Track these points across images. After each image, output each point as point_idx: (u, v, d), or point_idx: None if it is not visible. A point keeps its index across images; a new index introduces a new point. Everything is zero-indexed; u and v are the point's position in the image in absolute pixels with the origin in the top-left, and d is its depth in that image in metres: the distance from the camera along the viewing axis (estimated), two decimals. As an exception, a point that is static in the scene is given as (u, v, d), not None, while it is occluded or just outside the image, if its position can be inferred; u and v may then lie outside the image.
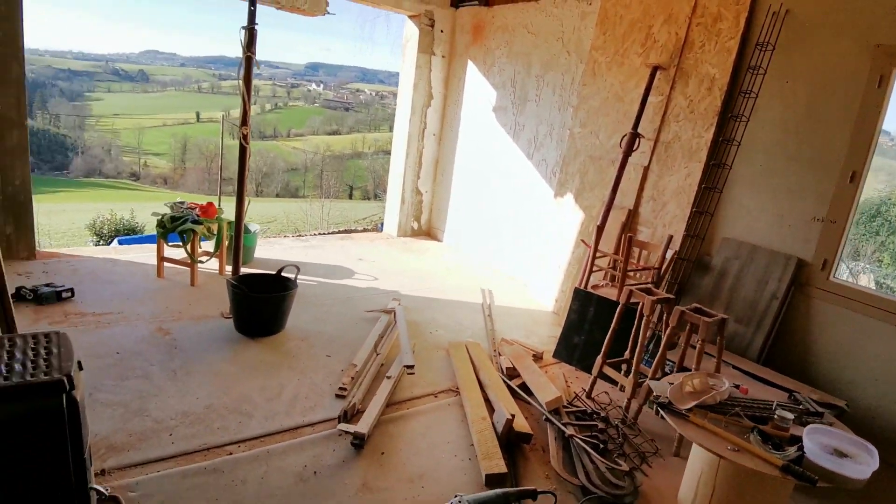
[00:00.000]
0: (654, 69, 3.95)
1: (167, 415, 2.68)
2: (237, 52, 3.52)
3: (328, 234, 7.07)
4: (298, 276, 3.82)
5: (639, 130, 3.93)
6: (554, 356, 3.86)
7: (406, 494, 2.38)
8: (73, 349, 1.64)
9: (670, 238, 3.79)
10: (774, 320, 3.45)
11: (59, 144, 45.82)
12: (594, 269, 4.04)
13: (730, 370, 3.23)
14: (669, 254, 3.83)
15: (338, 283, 4.87)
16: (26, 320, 3.40)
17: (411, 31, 6.14)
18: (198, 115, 60.37)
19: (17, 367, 1.53)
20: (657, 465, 2.78)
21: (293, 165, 48.77)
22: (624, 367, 3.28)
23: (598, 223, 4.02)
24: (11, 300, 2.38)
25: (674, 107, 3.96)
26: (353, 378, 3.23)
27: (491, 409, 3.03)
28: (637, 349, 3.06)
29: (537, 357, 3.78)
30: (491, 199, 5.87)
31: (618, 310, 3.19)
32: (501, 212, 5.73)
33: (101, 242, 12.86)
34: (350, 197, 42.25)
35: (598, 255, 4.04)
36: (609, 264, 4.13)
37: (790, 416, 2.34)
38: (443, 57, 6.26)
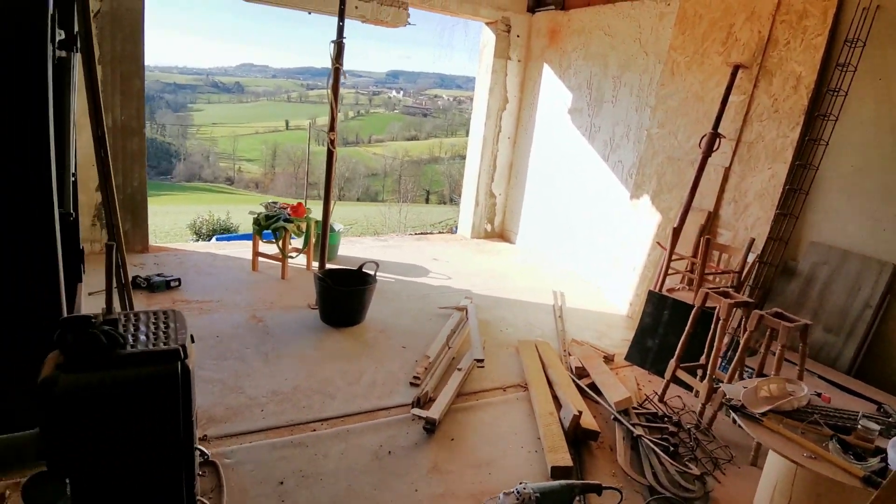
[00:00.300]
0: (736, 68, 3.85)
1: (259, 392, 2.95)
2: (324, 63, 3.81)
3: (405, 235, 7.34)
4: (378, 273, 4.05)
5: (719, 130, 3.84)
6: (626, 359, 3.84)
7: (473, 479, 2.50)
8: (186, 324, 1.89)
9: (752, 241, 3.67)
10: (868, 330, 3.26)
11: (165, 151, 49.88)
12: (670, 272, 3.98)
13: (815, 380, 3.10)
14: (751, 258, 3.71)
15: (414, 280, 5.07)
16: (141, 305, 3.84)
17: (488, 37, 6.28)
18: (287, 123, 63.76)
19: (142, 337, 1.79)
20: (732, 473, 2.72)
21: (373, 170, 50.36)
22: (699, 372, 3.23)
23: (675, 225, 3.96)
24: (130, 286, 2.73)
25: (757, 106, 3.84)
26: (426, 368, 3.39)
27: (558, 406, 3.08)
28: (713, 353, 3.01)
29: (608, 359, 3.78)
30: (565, 202, 5.88)
31: (693, 313, 3.14)
32: (575, 214, 5.73)
33: (200, 240, 13.94)
34: (427, 201, 43.04)
35: (674, 257, 3.97)
36: (686, 268, 4.05)
37: (876, 427, 2.24)
38: (518, 61, 6.35)
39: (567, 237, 5.86)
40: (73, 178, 3.05)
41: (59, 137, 2.34)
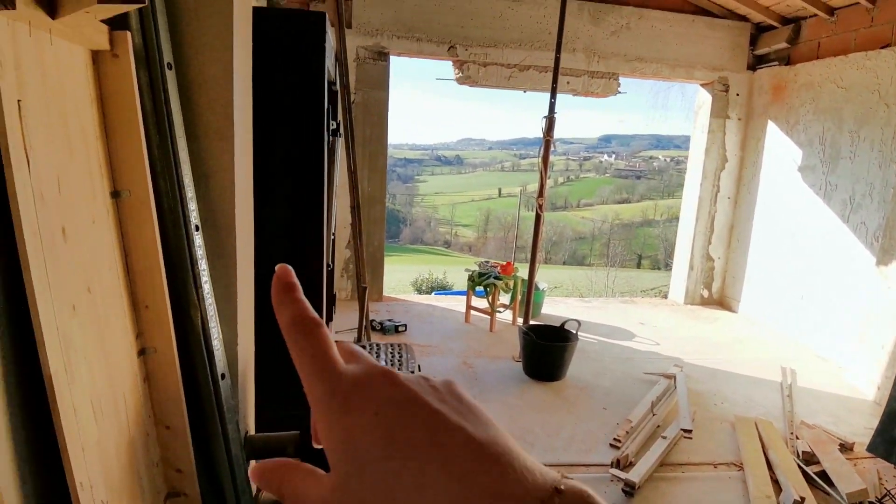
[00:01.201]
0: None
1: (467, 431, 3.25)
2: (536, 132, 4.20)
3: (611, 298, 7.26)
4: (580, 332, 4.15)
5: None
6: (868, 450, 3.27)
7: (674, 548, 2.40)
8: (416, 356, 2.28)
9: None
10: None
11: (394, 217, 56.63)
12: (934, 351, 3.34)
13: None
14: None
15: (617, 343, 5.02)
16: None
17: (704, 97, 6.14)
18: (499, 190, 67.68)
19: (383, 363, 2.23)
20: None
21: (581, 234, 50.19)
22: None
23: (940, 297, 3.35)
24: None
25: None
26: (627, 432, 3.35)
27: (777, 490, 2.79)
28: None
29: (845, 447, 3.27)
30: (796, 267, 5.29)
31: (961, 399, 2.62)
32: (809, 281, 5.11)
33: (420, 294, 15.43)
34: (638, 266, 41.18)
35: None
36: (958, 348, 3.36)
37: None
38: (738, 119, 6.06)
39: (799, 307, 5.23)
40: (332, 237, 3.85)
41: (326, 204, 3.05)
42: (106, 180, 1.72)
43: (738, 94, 5.99)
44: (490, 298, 5.02)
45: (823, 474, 2.94)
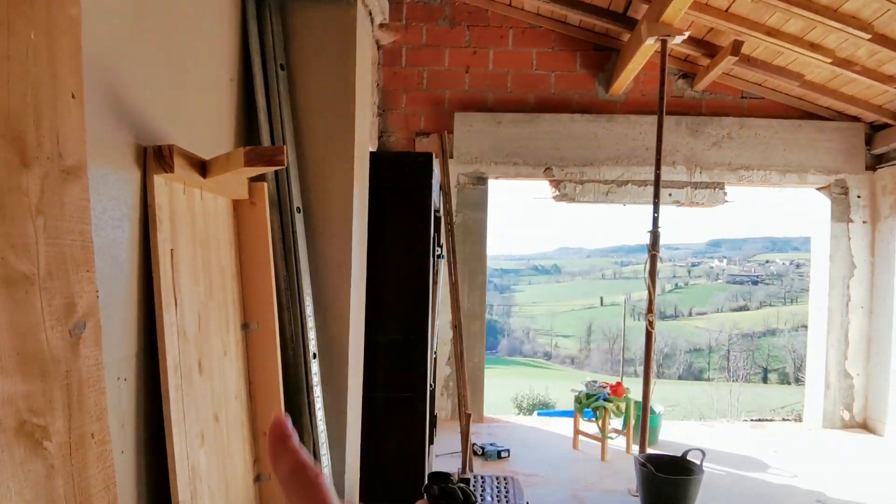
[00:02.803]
0: None
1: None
2: (636, 239, 4.11)
3: (736, 421, 6.54)
4: (704, 462, 3.73)
5: None
6: None
7: None
8: (524, 493, 2.15)
9: None
10: None
11: (492, 329, 56.20)
12: None
13: None
14: None
15: (748, 475, 4.43)
16: (477, 469, 4.31)
17: (821, 201, 5.78)
18: (601, 299, 65.71)
19: (488, 498, 2.11)
20: None
21: (696, 345, 46.67)
22: None
23: None
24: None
25: None
26: (774, 590, 2.85)
27: None
28: None
29: None
30: (966, 389, 4.53)
31: None
32: None
33: (522, 413, 14.77)
34: (764, 380, 37.15)
35: None
36: None
37: None
38: (864, 222, 5.60)
39: (978, 437, 4.39)
40: (434, 356, 3.88)
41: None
42: (238, 314, 1.90)
43: (859, 196, 5.59)
44: (600, 423, 4.70)
45: None
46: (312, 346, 1.97)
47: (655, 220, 3.97)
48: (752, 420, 6.67)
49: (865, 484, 4.24)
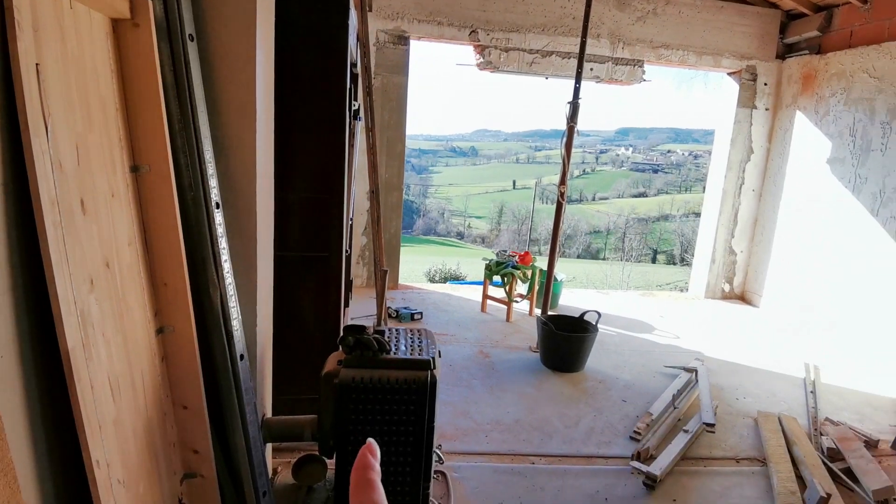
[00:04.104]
0: None
1: (484, 419, 3.20)
2: (552, 124, 4.18)
3: (629, 291, 7.16)
4: (599, 324, 4.08)
5: None
6: (893, 447, 3.18)
7: (697, 544, 2.34)
8: (436, 342, 2.23)
9: None
10: None
11: (408, 208, 56.57)
12: (970, 350, 3.23)
13: None
14: None
15: (637, 336, 4.94)
16: (390, 333, 4.48)
17: (730, 87, 5.98)
18: (514, 182, 67.31)
19: (402, 347, 2.17)
20: None
21: (596, 228, 49.79)
22: None
23: (978, 294, 3.23)
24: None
25: None
26: (647, 425, 3.28)
27: (802, 487, 2.71)
28: None
29: (870, 444, 3.18)
30: (823, 261, 5.16)
31: None
32: (836, 276, 4.98)
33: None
34: (653, 261, 40.78)
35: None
36: None
37: None
38: (766, 110, 5.90)
39: (825, 302, 5.10)
40: (350, 223, 3.80)
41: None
42: (126, 154, 1.68)
43: (766, 84, 5.83)
44: (507, 288, 4.96)
45: (848, 471, 2.86)
46: (214, 195, 1.81)
47: (577, 91, 3.93)
48: (641, 289, 7.33)
49: (738, 345, 4.86)
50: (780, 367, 4.41)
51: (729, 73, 5.94)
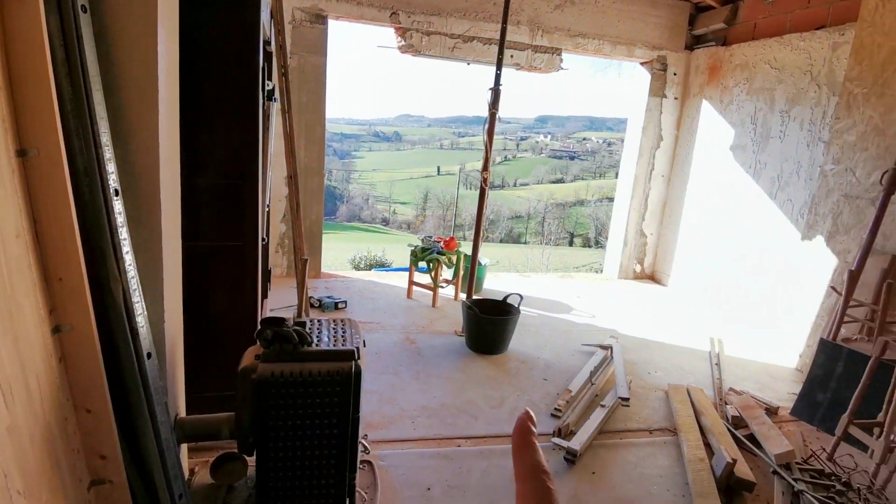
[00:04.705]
0: (931, 96, 3.45)
1: (411, 406, 3.21)
2: (474, 111, 4.21)
3: (548, 274, 7.40)
4: (521, 306, 4.18)
5: (908, 166, 3.45)
6: (792, 413, 3.50)
7: (614, 512, 2.47)
8: (360, 331, 2.19)
9: (953, 290, 3.20)
10: None
11: (330, 194, 55.31)
12: (846, 320, 3.59)
13: None
14: (952, 308, 3.23)
15: (556, 316, 5.12)
16: (314, 323, 4.37)
17: (642, 76, 6.27)
18: (438, 168, 67.47)
19: (325, 339, 2.12)
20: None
21: (517, 213, 51.00)
22: (876, 430, 2.86)
23: (853, 269, 3.59)
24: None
25: (958, 137, 3.39)
26: (567, 402, 3.42)
27: (710, 454, 2.93)
28: (891, 410, 2.67)
29: (771, 411, 3.49)
30: (725, 243, 5.56)
31: (869, 364, 2.83)
32: (737, 256, 5.38)
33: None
34: (570, 244, 42.39)
35: (851, 304, 3.59)
36: (866, 316, 3.63)
37: None
38: (675, 98, 6.24)
39: (728, 280, 5.51)
40: (267, 210, 3.65)
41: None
42: (11, 137, 1.52)
43: (675, 74, 6.16)
44: (433, 274, 4.97)
45: (752, 437, 3.11)
46: (113, 181, 1.67)
47: (498, 77, 3.96)
48: (560, 272, 7.60)
49: (649, 323, 5.15)
50: (688, 341, 4.72)
51: (641, 63, 6.22)
